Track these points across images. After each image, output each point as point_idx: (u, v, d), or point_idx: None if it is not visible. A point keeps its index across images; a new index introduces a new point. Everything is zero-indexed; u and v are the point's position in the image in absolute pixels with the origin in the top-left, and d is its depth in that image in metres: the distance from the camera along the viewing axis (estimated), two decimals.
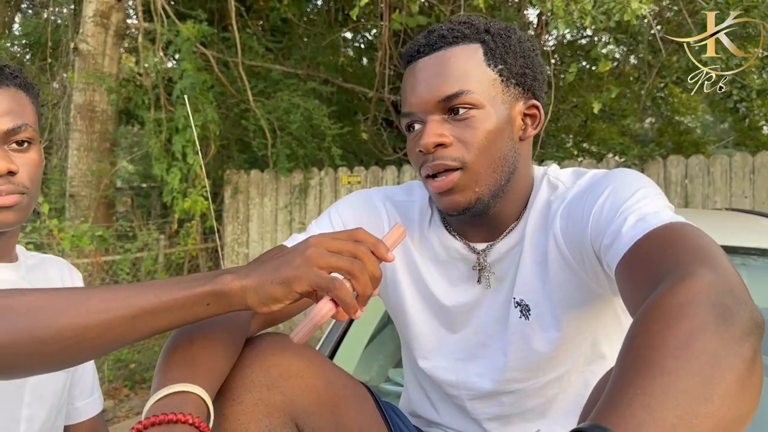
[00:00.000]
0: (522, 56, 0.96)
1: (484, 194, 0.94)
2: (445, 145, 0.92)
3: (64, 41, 6.43)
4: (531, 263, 0.98)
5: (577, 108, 7.48)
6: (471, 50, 0.94)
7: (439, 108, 0.93)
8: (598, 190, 0.89)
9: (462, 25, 0.96)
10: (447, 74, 0.92)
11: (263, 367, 0.84)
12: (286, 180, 5.90)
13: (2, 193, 0.95)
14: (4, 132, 0.95)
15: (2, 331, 0.66)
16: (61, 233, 4.49)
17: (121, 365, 4.58)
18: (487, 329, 1.03)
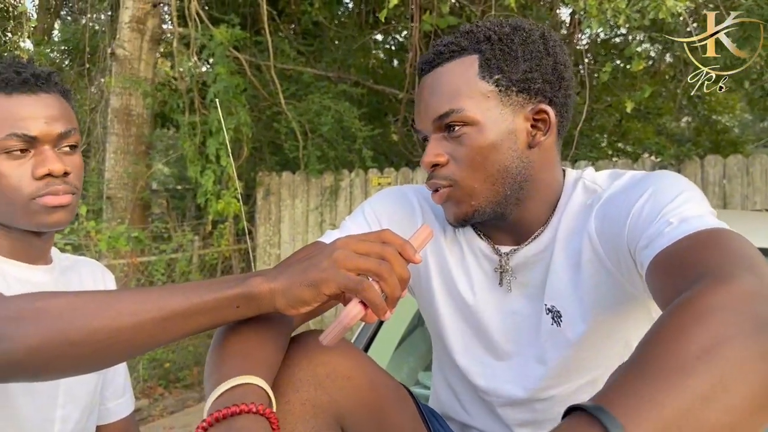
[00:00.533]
0: (526, 59, 0.92)
1: (483, 206, 0.94)
2: (441, 164, 0.94)
3: (101, 47, 6.58)
4: (562, 267, 0.96)
5: (611, 107, 7.35)
6: (466, 64, 0.93)
7: (437, 126, 0.94)
8: (638, 191, 0.86)
9: (462, 36, 0.95)
10: (440, 93, 0.93)
11: (310, 365, 0.84)
12: (317, 182, 5.94)
13: (59, 192, 0.98)
14: (57, 136, 0.99)
15: (36, 333, 0.68)
16: (99, 235, 4.59)
17: (155, 364, 4.67)
18: (516, 337, 1.02)
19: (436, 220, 1.08)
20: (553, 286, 0.97)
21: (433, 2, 4.74)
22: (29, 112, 0.97)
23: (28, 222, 0.99)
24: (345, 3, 8.28)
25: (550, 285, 0.97)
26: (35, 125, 0.97)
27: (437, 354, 1.16)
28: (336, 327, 0.71)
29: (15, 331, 0.68)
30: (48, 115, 0.99)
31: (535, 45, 0.93)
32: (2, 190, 0.96)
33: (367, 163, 5.64)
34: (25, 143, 0.97)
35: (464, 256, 1.05)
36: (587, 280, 0.93)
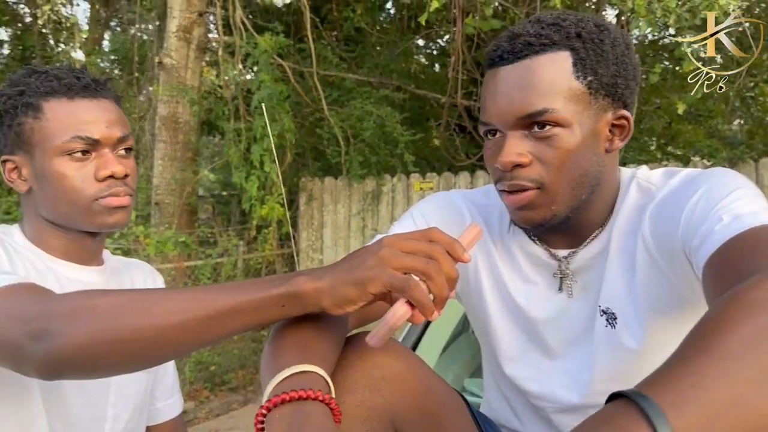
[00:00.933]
0: (615, 63, 0.87)
1: (561, 211, 0.90)
2: (524, 164, 0.87)
3: (149, 56, 6.78)
4: (618, 269, 0.93)
5: (660, 109, 7.18)
6: (559, 60, 0.86)
7: (520, 124, 0.87)
8: (692, 189, 0.83)
9: (550, 28, 0.88)
10: (531, 89, 0.85)
11: (365, 367, 0.82)
12: (359, 187, 5.96)
13: (120, 194, 1.01)
14: (116, 139, 1.02)
15: (85, 330, 0.69)
16: (147, 239, 4.70)
17: (201, 367, 4.74)
18: (571, 340, 0.99)
19: (485, 225, 1.06)
20: (609, 288, 0.94)
21: (476, 5, 4.70)
22: (91, 116, 1.00)
23: (89, 222, 1.01)
24: (387, 9, 8.31)
25: (606, 287, 0.94)
26: (97, 128, 1.00)
27: (487, 360, 1.14)
28: (382, 327, 0.70)
29: (65, 328, 0.69)
30: (108, 119, 1.02)
31: (621, 48, 0.89)
32: (64, 191, 0.99)
33: (408, 167, 5.64)
34: (88, 146, 0.99)
35: (518, 261, 1.02)
36: (641, 282, 0.90)
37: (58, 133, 0.98)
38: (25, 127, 0.98)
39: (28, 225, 1.04)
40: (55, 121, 0.98)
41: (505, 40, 0.90)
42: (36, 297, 0.76)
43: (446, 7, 5.20)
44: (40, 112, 0.98)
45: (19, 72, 1.04)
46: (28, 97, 0.98)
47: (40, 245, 1.03)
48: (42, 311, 0.72)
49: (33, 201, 1.02)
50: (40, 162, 0.98)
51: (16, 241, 1.02)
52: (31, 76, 1.01)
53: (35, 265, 0.99)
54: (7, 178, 1.02)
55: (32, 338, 0.70)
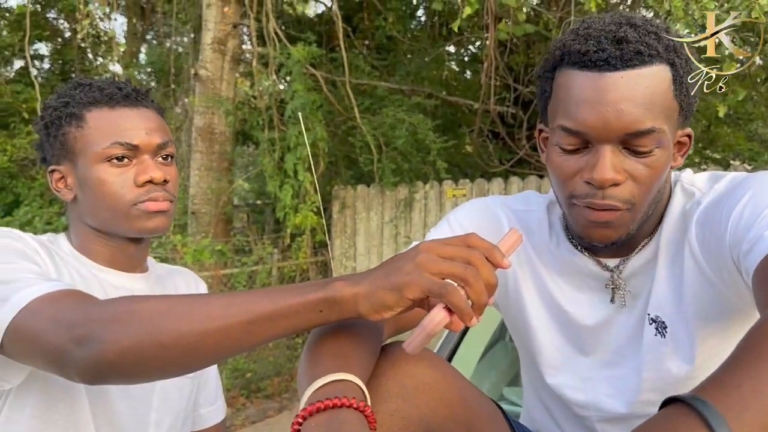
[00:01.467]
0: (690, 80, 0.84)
1: (634, 229, 0.87)
2: (618, 183, 0.82)
3: (185, 68, 6.91)
4: (666, 277, 0.91)
5: (698, 113, 7.03)
6: (663, 74, 0.80)
7: (621, 139, 0.81)
8: (738, 194, 0.81)
9: (652, 37, 0.81)
10: (640, 103, 0.79)
11: (398, 376, 0.82)
12: (392, 194, 5.96)
13: (159, 199, 1.03)
14: (156, 146, 1.05)
15: (127, 335, 0.70)
16: (184, 248, 4.78)
17: (237, 374, 4.79)
18: (619, 349, 0.97)
19: (522, 230, 1.03)
20: (658, 296, 0.92)
21: (509, 10, 4.68)
22: (131, 124, 1.03)
23: (128, 227, 1.03)
24: (418, 17, 8.33)
25: (655, 294, 0.92)
26: (137, 135, 1.03)
27: (527, 369, 1.12)
28: (420, 334, 0.69)
29: (108, 333, 0.71)
30: (148, 127, 1.04)
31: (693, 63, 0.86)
32: (104, 197, 1.02)
33: (441, 174, 5.62)
34: (128, 151, 1.02)
35: (565, 270, 1.00)
36: (689, 290, 0.88)
37: (98, 140, 1.01)
38: (69, 136, 1.02)
39: (74, 233, 1.07)
40: (97, 129, 1.01)
41: (609, 43, 0.81)
42: (80, 303, 0.77)
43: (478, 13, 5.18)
44: (82, 121, 1.01)
45: (65, 85, 1.07)
46: (72, 108, 1.02)
47: (86, 253, 1.06)
48: (85, 317, 0.74)
49: (78, 209, 1.05)
50: (83, 169, 1.02)
51: (62, 249, 1.05)
52: (76, 88, 1.05)
53: (80, 273, 1.02)
54: (54, 187, 1.06)
55: (76, 343, 0.72)
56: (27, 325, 0.76)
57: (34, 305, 0.77)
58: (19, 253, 0.90)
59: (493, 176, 5.88)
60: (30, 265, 0.88)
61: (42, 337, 0.75)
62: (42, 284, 0.80)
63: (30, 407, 0.94)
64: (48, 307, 0.77)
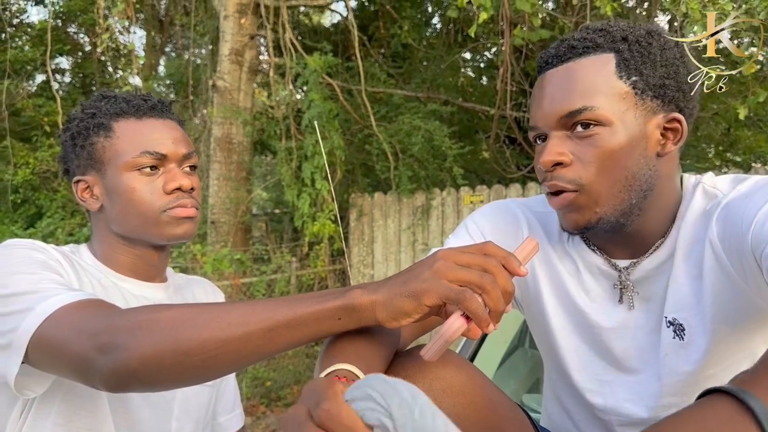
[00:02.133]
0: (663, 65, 0.87)
1: (608, 214, 0.88)
2: (564, 164, 0.88)
3: (203, 79, 7.00)
4: (684, 278, 0.90)
5: (718, 115, 6.94)
6: (602, 61, 0.87)
7: (562, 124, 0.88)
8: (762, 195, 0.81)
9: (596, 33, 0.90)
10: (571, 88, 0.87)
11: (426, 379, 0.82)
12: (409, 201, 5.96)
13: (188, 205, 1.07)
14: (182, 155, 1.08)
15: (150, 343, 0.71)
16: (204, 257, 4.82)
17: (257, 383, 4.81)
18: (636, 352, 0.96)
19: (543, 233, 1.05)
20: (675, 298, 0.91)
21: (524, 16, 4.68)
22: (159, 134, 1.06)
23: (158, 234, 1.06)
24: (433, 24, 8.35)
25: (672, 297, 0.91)
26: (164, 145, 1.06)
27: (549, 371, 1.12)
28: (438, 341, 0.70)
29: (131, 341, 0.72)
30: (174, 137, 1.08)
31: (672, 52, 0.88)
32: (134, 204, 1.04)
33: (458, 180, 5.61)
34: (156, 161, 1.05)
35: (579, 271, 1.01)
36: (709, 289, 0.88)
37: (128, 150, 1.04)
38: (97, 146, 1.04)
39: (98, 243, 1.09)
40: (125, 139, 1.04)
41: (553, 47, 0.92)
42: (102, 312, 0.79)
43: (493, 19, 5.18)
44: (110, 131, 1.04)
45: (90, 98, 1.10)
46: (99, 119, 1.05)
47: (108, 263, 1.08)
48: (108, 325, 0.75)
49: (104, 218, 1.08)
50: (112, 178, 1.04)
51: (83, 259, 1.07)
52: (101, 100, 1.08)
53: (101, 282, 1.04)
54: (80, 197, 1.08)
55: (99, 351, 0.73)
56: (51, 334, 0.78)
57: (58, 314, 0.79)
58: (41, 263, 0.92)
59: (511, 182, 5.86)
60: (53, 275, 0.90)
61: (66, 346, 0.76)
62: (65, 294, 0.82)
63: (54, 415, 0.95)
64: (71, 316, 0.79)
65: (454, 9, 4.56)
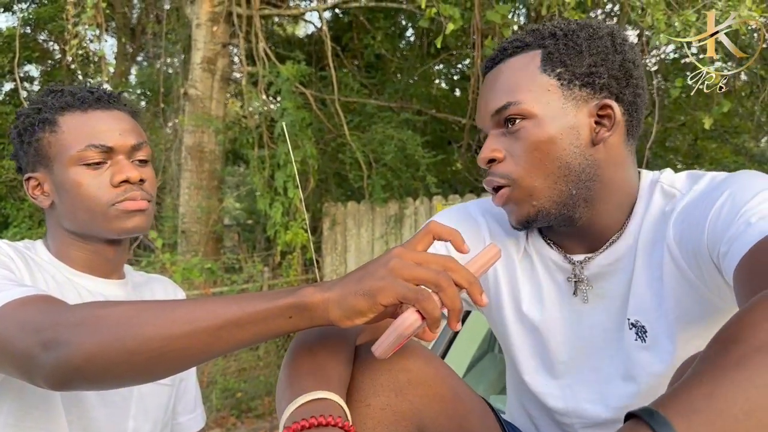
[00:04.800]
0: (591, 54, 0.88)
1: (546, 206, 0.89)
2: (497, 159, 0.91)
3: (175, 88, 6.93)
4: (645, 280, 0.90)
5: (684, 126, 7.10)
6: (528, 59, 0.90)
7: (495, 122, 0.91)
8: (716, 193, 0.81)
9: (527, 33, 0.93)
10: (497, 88, 0.91)
11: (392, 371, 0.82)
12: (382, 210, 5.97)
13: (137, 198, 1.04)
14: (130, 147, 1.05)
15: (94, 339, 0.70)
16: (173, 266, 4.75)
17: (228, 394, 4.74)
18: (595, 352, 0.96)
19: (504, 233, 1.04)
20: (637, 300, 0.91)
21: (495, 28, 4.74)
22: (105, 126, 1.04)
23: (107, 228, 1.03)
24: (406, 36, 8.41)
25: (633, 299, 0.91)
26: (111, 137, 1.03)
27: (510, 375, 1.11)
28: (390, 335, 0.68)
29: (75, 337, 0.70)
30: (122, 128, 1.05)
31: (602, 41, 0.90)
32: (81, 199, 1.01)
33: (431, 189, 5.64)
34: (102, 154, 1.03)
35: (534, 268, 1.00)
36: (670, 293, 0.88)
37: (73, 144, 1.01)
38: (43, 142, 1.02)
39: (52, 239, 1.07)
40: (70, 133, 1.02)
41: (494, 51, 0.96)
42: (49, 307, 0.77)
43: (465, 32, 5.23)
44: (56, 126, 1.02)
45: (37, 93, 1.08)
46: (45, 114, 1.02)
47: (63, 259, 1.05)
48: (53, 321, 0.73)
49: (55, 215, 1.05)
50: (59, 173, 1.02)
51: (38, 255, 1.04)
52: (48, 95, 1.06)
53: (56, 279, 1.02)
54: (31, 194, 1.06)
55: (42, 347, 0.71)
56: None
57: (3, 311, 0.77)
58: None
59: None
60: (3, 271, 0.88)
61: (9, 342, 0.74)
62: (12, 290, 0.80)
63: (4, 414, 0.93)
64: (17, 312, 0.77)
65: (426, 19, 4.61)
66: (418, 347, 0.86)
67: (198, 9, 6.04)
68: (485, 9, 4.76)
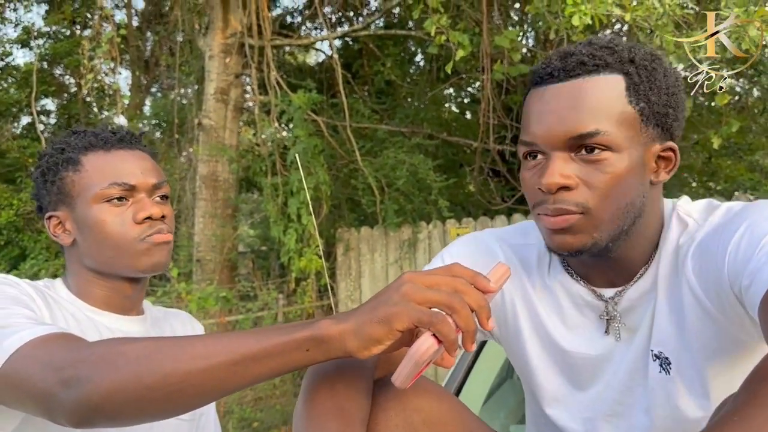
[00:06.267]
0: (666, 93, 0.85)
1: (602, 239, 0.85)
2: (570, 188, 0.83)
3: (189, 118, 7.03)
4: (667, 311, 0.88)
5: (698, 145, 7.07)
6: (612, 82, 0.83)
7: (567, 144, 0.83)
8: (734, 225, 0.79)
9: (603, 50, 0.85)
10: (583, 108, 0.82)
11: (405, 411, 0.81)
12: (396, 235, 5.96)
13: (163, 231, 1.07)
14: (152, 186, 1.08)
15: (113, 376, 0.70)
16: (189, 296, 4.77)
17: (244, 424, 4.71)
18: (621, 386, 0.94)
19: (520, 265, 1.02)
20: (659, 332, 0.89)
21: (503, 52, 4.77)
22: (127, 165, 1.06)
23: (132, 264, 1.05)
24: (416, 61, 8.49)
25: (657, 329, 0.89)
26: (133, 175, 1.06)
27: (530, 407, 1.09)
28: (407, 364, 0.67)
29: (94, 375, 0.70)
30: (143, 167, 1.08)
31: (672, 78, 0.86)
32: (106, 236, 1.03)
33: (443, 213, 5.63)
34: (125, 191, 1.05)
35: (559, 302, 0.98)
36: (691, 327, 0.86)
37: (96, 182, 1.03)
38: (66, 180, 1.04)
39: (72, 277, 1.08)
40: (94, 172, 1.04)
41: (556, 58, 0.86)
42: (68, 345, 0.77)
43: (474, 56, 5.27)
44: (79, 165, 1.04)
45: (60, 134, 1.11)
46: (68, 153, 1.05)
47: (83, 297, 1.06)
48: (73, 359, 0.74)
49: (77, 252, 1.07)
50: (82, 211, 1.04)
51: (58, 293, 1.06)
52: (71, 135, 1.09)
53: (75, 317, 1.02)
54: (53, 233, 1.07)
55: (63, 385, 0.71)
56: (15, 368, 0.76)
57: (24, 350, 0.77)
58: (12, 298, 0.90)
59: (496, 214, 5.89)
60: (24, 310, 0.88)
61: (30, 381, 0.75)
62: (33, 328, 0.81)
63: None
64: (38, 350, 0.77)
65: (435, 46, 4.66)
66: (431, 385, 0.85)
67: (211, 41, 6.15)
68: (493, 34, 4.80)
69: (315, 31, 8.64)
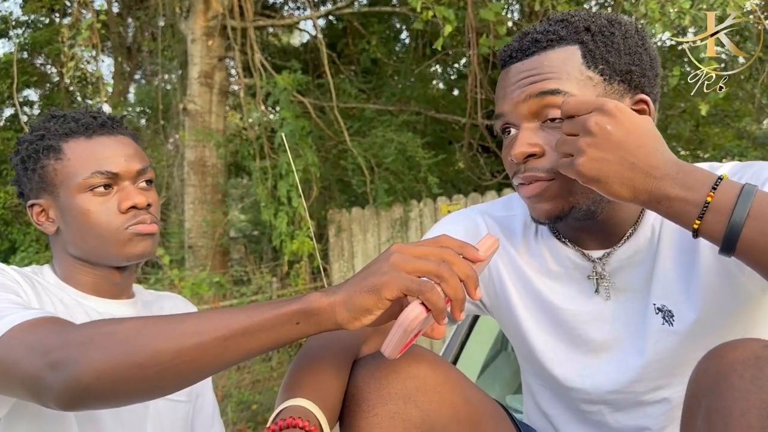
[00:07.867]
0: (627, 53, 0.87)
1: (581, 202, 0.87)
2: (537, 155, 0.87)
3: (173, 104, 6.95)
4: (672, 265, 0.90)
5: (685, 113, 7.08)
6: (567, 53, 0.87)
7: (532, 113, 0.87)
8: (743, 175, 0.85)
9: (558, 24, 0.89)
10: (543, 75, 0.86)
11: (399, 378, 0.82)
12: (387, 214, 5.96)
13: (147, 221, 1.05)
14: (136, 172, 1.06)
15: (103, 356, 0.70)
16: (182, 282, 4.76)
17: (243, 407, 4.74)
18: (616, 344, 0.96)
19: (504, 236, 1.04)
20: (662, 285, 0.91)
21: (489, 25, 4.74)
22: (110, 152, 1.04)
23: (118, 254, 1.04)
24: (401, 39, 8.42)
25: (658, 284, 0.91)
26: (116, 162, 1.04)
27: (526, 375, 1.11)
28: (396, 332, 0.68)
29: (82, 356, 0.70)
30: (126, 154, 1.06)
31: (633, 39, 0.89)
32: (91, 226, 1.02)
33: (433, 190, 5.64)
34: (109, 180, 1.03)
35: (547, 265, 1.00)
36: (702, 276, 0.88)
37: (79, 171, 1.02)
38: (48, 169, 1.02)
39: (58, 264, 1.07)
40: (76, 160, 1.02)
41: (515, 41, 0.92)
42: (56, 329, 0.77)
43: (460, 31, 5.23)
44: (60, 153, 1.02)
45: (39, 119, 1.08)
46: (49, 140, 1.03)
47: (71, 282, 1.06)
48: (60, 341, 0.73)
49: (61, 240, 1.06)
50: (65, 201, 1.02)
51: (46, 279, 1.05)
52: (50, 120, 1.06)
53: (64, 302, 1.02)
54: (36, 221, 1.06)
55: (51, 368, 0.71)
56: (4, 354, 0.76)
57: (11, 334, 0.77)
58: None
59: (486, 189, 5.90)
60: (10, 295, 0.88)
61: (17, 365, 0.74)
62: (20, 312, 0.80)
63: None
64: (24, 334, 0.77)
65: (420, 21, 4.61)
66: (426, 353, 0.86)
67: (192, 24, 6.06)
68: (478, 7, 4.76)
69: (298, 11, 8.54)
